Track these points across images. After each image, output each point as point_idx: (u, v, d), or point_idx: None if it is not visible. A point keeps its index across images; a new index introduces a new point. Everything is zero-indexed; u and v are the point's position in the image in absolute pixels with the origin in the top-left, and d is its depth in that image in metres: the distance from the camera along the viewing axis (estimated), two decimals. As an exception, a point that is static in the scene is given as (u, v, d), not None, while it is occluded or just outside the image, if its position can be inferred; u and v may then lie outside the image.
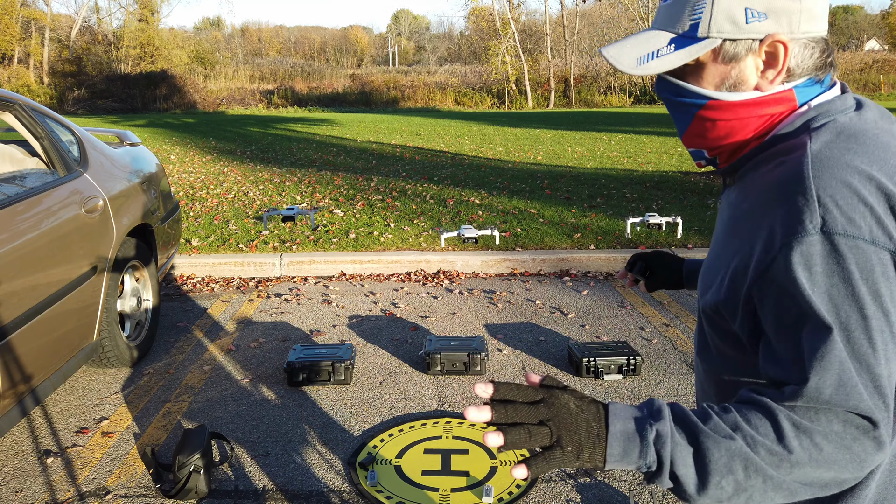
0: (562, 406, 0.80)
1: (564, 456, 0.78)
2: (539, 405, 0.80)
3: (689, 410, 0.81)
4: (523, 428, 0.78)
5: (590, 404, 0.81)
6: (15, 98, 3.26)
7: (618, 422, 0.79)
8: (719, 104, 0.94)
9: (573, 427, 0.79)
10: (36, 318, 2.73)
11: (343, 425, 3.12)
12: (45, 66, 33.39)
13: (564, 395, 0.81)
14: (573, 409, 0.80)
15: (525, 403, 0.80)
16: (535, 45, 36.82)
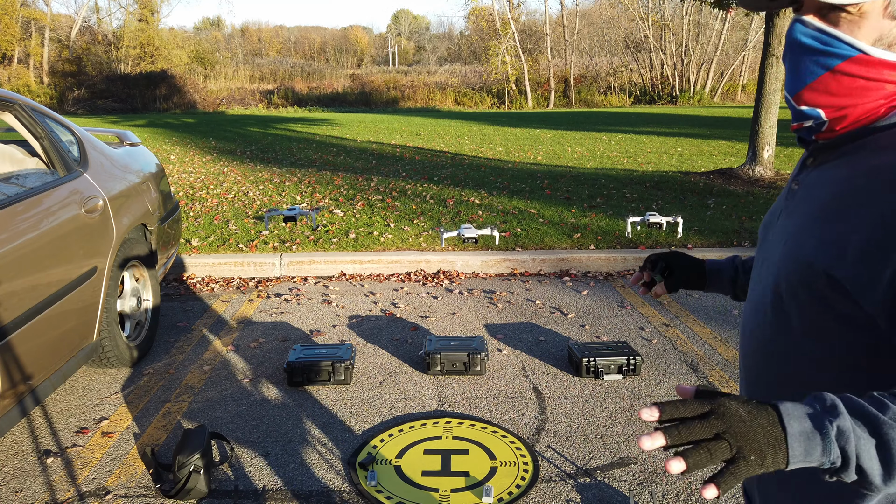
0: (733, 415, 0.77)
1: (749, 465, 0.76)
2: (710, 418, 0.77)
3: (863, 401, 0.79)
4: (701, 446, 0.76)
5: (759, 408, 0.78)
6: (15, 98, 3.26)
7: (794, 422, 0.76)
8: (867, 60, 0.88)
9: (751, 435, 0.76)
10: (36, 318, 2.73)
11: (343, 425, 3.12)
12: (45, 66, 33.38)
13: (732, 403, 0.77)
14: (745, 416, 0.77)
15: (695, 418, 0.77)
16: (535, 45, 36.82)
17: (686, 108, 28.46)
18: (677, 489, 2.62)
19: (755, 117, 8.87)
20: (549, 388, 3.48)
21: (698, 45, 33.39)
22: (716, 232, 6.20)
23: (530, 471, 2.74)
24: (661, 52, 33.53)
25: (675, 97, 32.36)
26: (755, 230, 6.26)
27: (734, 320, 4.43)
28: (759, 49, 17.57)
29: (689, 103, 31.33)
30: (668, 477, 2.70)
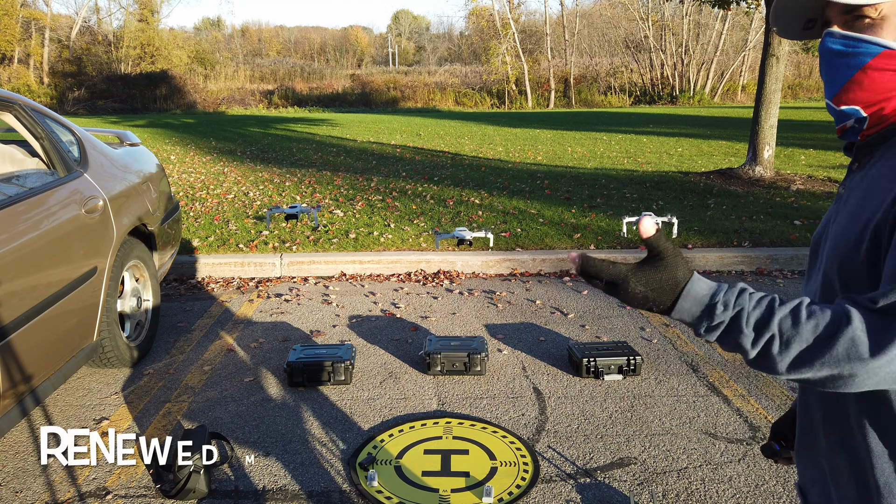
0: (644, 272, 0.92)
1: (633, 294, 0.92)
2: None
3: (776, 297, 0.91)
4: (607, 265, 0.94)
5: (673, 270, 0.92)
6: (15, 98, 3.26)
7: (696, 286, 0.92)
8: (894, 54, 0.97)
9: (655, 283, 0.92)
10: (36, 319, 2.73)
11: (343, 425, 3.12)
12: (46, 67, 33.39)
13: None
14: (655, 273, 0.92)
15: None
16: (535, 46, 36.82)
17: (686, 108, 28.46)
18: (677, 489, 2.62)
19: (755, 117, 8.87)
20: (550, 389, 3.48)
21: (698, 46, 33.39)
22: (716, 232, 6.19)
23: (530, 471, 2.74)
24: (661, 52, 33.52)
25: (675, 97, 32.35)
26: (755, 230, 6.26)
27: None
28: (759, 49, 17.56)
29: (689, 103, 31.33)
30: (668, 477, 2.70)
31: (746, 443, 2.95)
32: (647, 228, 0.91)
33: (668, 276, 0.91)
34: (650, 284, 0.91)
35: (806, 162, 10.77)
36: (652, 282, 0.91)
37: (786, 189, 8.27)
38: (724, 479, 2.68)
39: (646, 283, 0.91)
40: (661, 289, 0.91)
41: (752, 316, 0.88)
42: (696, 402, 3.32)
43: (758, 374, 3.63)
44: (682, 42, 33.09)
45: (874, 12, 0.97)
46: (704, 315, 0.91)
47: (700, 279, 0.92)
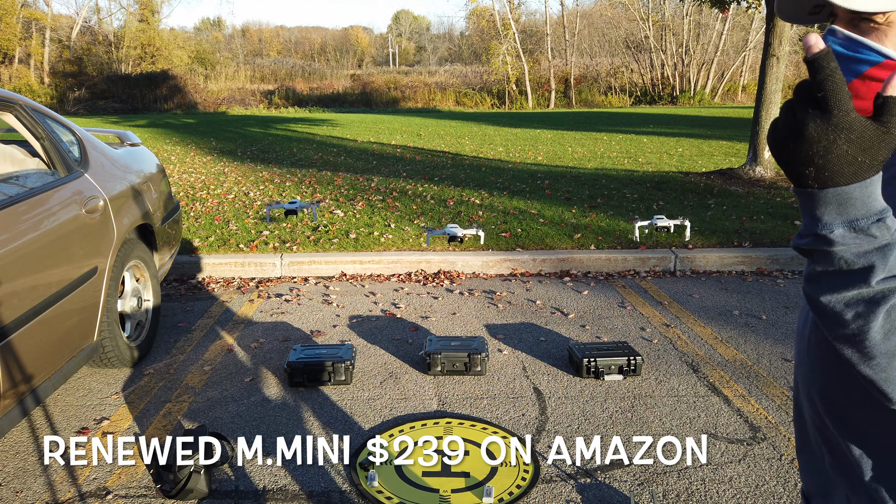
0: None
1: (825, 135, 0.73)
2: None
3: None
4: None
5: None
6: (15, 98, 3.26)
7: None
8: (894, 65, 0.92)
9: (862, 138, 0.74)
10: (37, 319, 2.73)
11: (343, 425, 3.12)
12: (46, 67, 33.40)
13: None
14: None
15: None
16: (535, 46, 36.82)
17: (686, 108, 28.46)
18: (678, 489, 2.62)
19: (756, 118, 8.87)
20: (550, 389, 3.48)
21: (699, 46, 33.38)
22: (716, 232, 6.19)
23: (531, 471, 2.74)
24: (661, 52, 33.52)
25: (675, 97, 32.35)
26: (755, 230, 6.26)
27: (734, 320, 4.43)
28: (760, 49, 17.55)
29: (689, 103, 31.32)
30: (668, 477, 2.70)
31: (747, 443, 2.95)
32: (813, 42, 0.74)
33: (885, 150, 0.74)
34: (864, 145, 0.73)
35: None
36: (868, 145, 0.73)
37: (786, 189, 8.27)
38: (724, 479, 2.68)
39: (861, 143, 0.73)
40: (865, 159, 0.73)
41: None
42: (697, 403, 3.32)
43: (758, 375, 3.63)
44: (682, 42, 33.09)
45: (881, 17, 0.93)
46: (866, 220, 0.75)
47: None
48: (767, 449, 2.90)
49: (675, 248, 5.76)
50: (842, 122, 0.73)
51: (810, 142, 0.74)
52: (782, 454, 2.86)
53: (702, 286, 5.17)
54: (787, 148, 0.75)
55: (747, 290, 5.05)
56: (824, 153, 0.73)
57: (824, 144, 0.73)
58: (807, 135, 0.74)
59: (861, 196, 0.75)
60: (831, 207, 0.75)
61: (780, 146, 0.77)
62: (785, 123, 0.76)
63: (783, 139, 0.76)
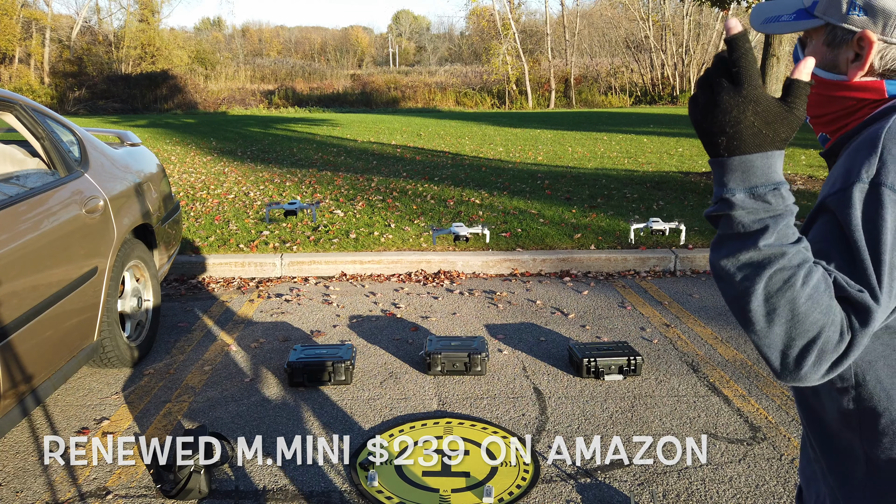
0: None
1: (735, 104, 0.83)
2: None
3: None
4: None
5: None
6: (16, 98, 3.26)
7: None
8: (817, 78, 1.03)
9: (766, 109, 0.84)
10: (37, 319, 2.73)
11: (343, 425, 3.12)
12: (46, 67, 33.40)
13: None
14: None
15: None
16: (535, 46, 36.82)
17: (687, 108, 28.42)
18: (678, 489, 2.62)
19: (756, 117, 8.86)
20: (550, 389, 3.48)
21: (699, 46, 33.38)
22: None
23: (531, 471, 2.74)
24: (661, 52, 33.52)
25: (675, 97, 32.34)
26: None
27: (734, 321, 4.42)
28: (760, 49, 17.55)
29: (689, 103, 31.27)
30: (668, 477, 2.70)
31: (747, 443, 2.95)
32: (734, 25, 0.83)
33: (789, 127, 0.84)
34: (768, 117, 0.83)
35: (806, 162, 10.77)
36: (773, 118, 0.83)
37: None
38: (724, 479, 2.68)
39: (765, 115, 0.82)
40: (770, 131, 0.83)
41: (787, 227, 0.85)
42: (697, 403, 3.32)
43: (758, 375, 3.63)
44: (682, 42, 33.09)
45: (809, 33, 1.05)
46: (764, 189, 0.84)
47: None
48: (767, 449, 2.90)
49: (675, 248, 5.76)
50: (751, 94, 0.82)
51: (724, 110, 0.83)
52: (782, 454, 2.86)
53: (702, 286, 5.17)
54: (704, 117, 0.85)
55: (747, 290, 5.04)
56: (734, 123, 0.83)
57: (735, 114, 0.82)
58: (721, 104, 0.83)
59: (762, 166, 0.84)
60: (736, 174, 0.85)
61: (699, 116, 0.86)
62: (703, 95, 0.86)
63: (702, 108, 0.85)
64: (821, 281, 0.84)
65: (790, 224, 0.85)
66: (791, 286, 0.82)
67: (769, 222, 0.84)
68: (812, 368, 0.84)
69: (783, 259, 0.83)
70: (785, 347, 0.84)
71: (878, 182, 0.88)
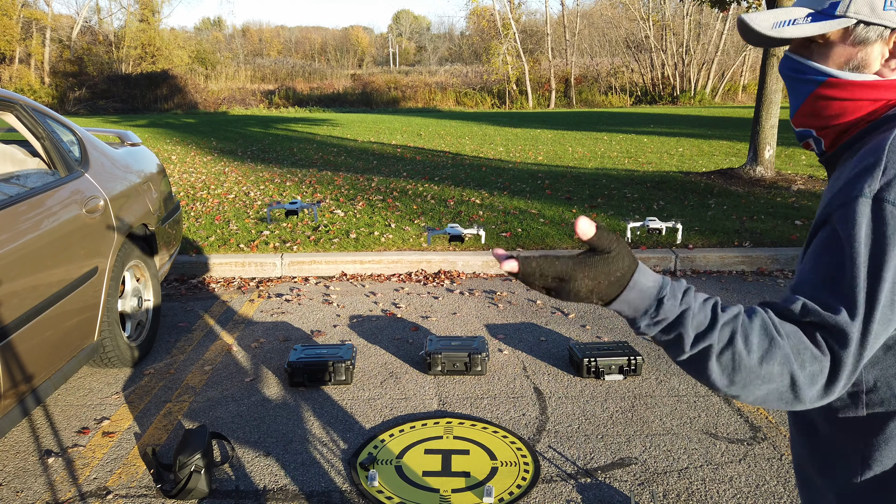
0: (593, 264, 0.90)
1: (572, 292, 0.89)
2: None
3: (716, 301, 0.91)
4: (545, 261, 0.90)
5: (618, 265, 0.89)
6: (16, 98, 3.26)
7: (641, 277, 0.89)
8: (838, 82, 0.99)
9: (596, 276, 0.89)
10: (37, 318, 2.73)
11: (344, 425, 3.12)
12: (47, 67, 33.40)
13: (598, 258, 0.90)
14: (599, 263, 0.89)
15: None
16: (535, 46, 36.81)
17: (687, 108, 28.45)
18: (678, 489, 2.62)
19: (756, 117, 8.87)
20: (550, 389, 3.48)
21: (699, 45, 33.37)
22: (717, 232, 6.19)
23: (531, 471, 2.74)
24: (661, 52, 33.51)
25: (675, 97, 32.34)
26: (756, 230, 6.26)
27: (735, 320, 4.43)
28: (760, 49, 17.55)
29: (689, 103, 31.31)
30: (668, 477, 2.70)
31: (747, 443, 2.95)
32: (586, 229, 0.88)
33: (615, 268, 0.88)
34: (597, 277, 0.88)
35: (807, 162, 10.76)
36: (599, 275, 0.88)
37: (787, 189, 8.27)
38: (724, 479, 2.68)
39: (594, 276, 0.88)
40: (608, 281, 0.88)
41: (696, 318, 0.87)
42: (697, 403, 3.32)
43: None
44: (682, 42, 33.08)
45: (820, 38, 0.99)
46: (651, 308, 0.88)
47: (646, 270, 0.90)
48: (767, 449, 2.90)
49: (675, 248, 5.76)
50: (572, 286, 0.87)
51: (566, 296, 0.89)
52: (782, 454, 2.86)
53: (702, 286, 5.17)
54: (565, 299, 0.91)
55: (748, 290, 5.05)
56: (577, 293, 0.88)
57: (573, 293, 0.88)
58: (562, 296, 0.90)
59: (632, 299, 0.88)
60: (625, 310, 0.90)
61: (562, 299, 0.92)
62: (548, 293, 0.91)
63: (560, 296, 0.91)
64: (761, 334, 0.87)
65: (696, 311, 0.87)
66: (739, 359, 0.86)
67: (678, 329, 0.87)
68: (814, 398, 0.88)
69: (714, 345, 0.87)
70: (773, 397, 0.89)
71: (880, 198, 0.87)
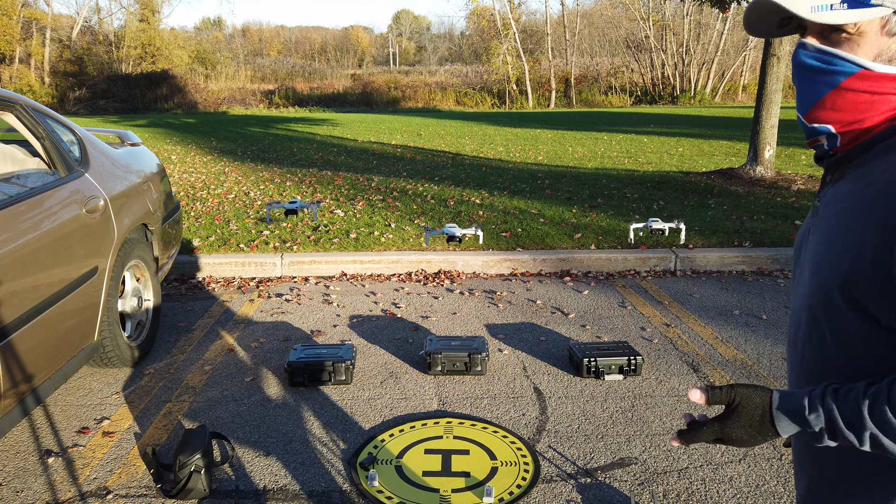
0: (735, 423, 1.02)
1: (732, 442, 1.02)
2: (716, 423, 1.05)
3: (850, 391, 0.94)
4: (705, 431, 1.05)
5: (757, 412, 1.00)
6: (16, 98, 3.26)
7: (782, 423, 0.97)
8: (869, 75, 0.94)
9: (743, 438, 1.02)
10: (37, 318, 2.73)
11: (344, 425, 3.12)
12: (47, 67, 33.40)
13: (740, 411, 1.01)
14: (744, 424, 1.01)
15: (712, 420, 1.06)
16: (535, 46, 36.81)
17: (687, 108, 28.45)
18: (678, 489, 2.62)
19: (756, 117, 8.87)
20: (550, 389, 3.48)
21: (699, 45, 33.36)
22: (717, 232, 6.19)
23: (531, 471, 2.74)
24: (661, 52, 33.50)
25: (675, 97, 32.34)
26: (756, 230, 6.26)
27: (735, 320, 4.43)
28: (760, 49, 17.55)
29: (689, 103, 31.31)
30: (668, 477, 2.70)
31: (747, 443, 2.94)
32: (697, 400, 1.00)
33: (751, 414, 0.97)
34: (743, 427, 0.98)
35: (807, 162, 10.76)
36: (743, 424, 0.98)
37: (787, 189, 8.27)
38: (724, 479, 2.68)
39: (740, 426, 0.98)
40: (753, 424, 0.97)
41: (843, 416, 0.91)
42: (697, 403, 3.31)
43: (759, 375, 3.63)
44: (682, 42, 33.07)
45: (852, 27, 0.93)
46: (803, 428, 0.95)
47: (781, 398, 0.97)
48: (768, 449, 2.90)
49: (675, 248, 5.76)
50: (735, 442, 1.02)
51: (741, 446, 1.02)
52: (782, 454, 2.86)
53: (702, 286, 5.17)
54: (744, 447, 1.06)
55: (748, 290, 5.05)
56: (744, 443, 1.01)
57: (740, 443, 1.01)
58: (738, 446, 1.02)
59: (787, 426, 0.96)
60: (796, 430, 0.97)
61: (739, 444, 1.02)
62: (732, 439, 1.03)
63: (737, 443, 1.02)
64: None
65: (844, 412, 0.90)
66: (890, 425, 0.88)
67: (839, 433, 0.92)
68: None
69: (870, 427, 0.89)
70: None
71: None
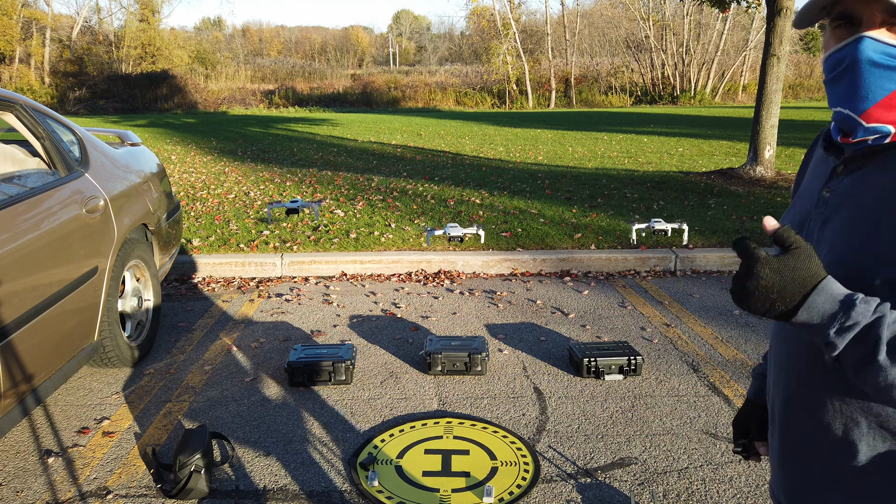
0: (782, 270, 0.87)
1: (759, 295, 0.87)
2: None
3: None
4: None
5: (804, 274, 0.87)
6: (16, 98, 3.26)
7: (819, 296, 0.86)
8: None
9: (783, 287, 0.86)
10: (37, 318, 2.73)
11: (344, 425, 3.12)
12: (47, 67, 33.40)
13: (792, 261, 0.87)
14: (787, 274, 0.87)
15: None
16: (535, 45, 36.80)
17: (687, 108, 28.44)
18: (678, 489, 2.62)
19: (756, 117, 8.87)
20: (550, 389, 3.48)
21: (699, 45, 33.36)
22: (717, 232, 6.19)
23: (531, 471, 2.74)
24: (661, 52, 33.50)
25: (675, 97, 32.33)
26: (756, 230, 6.26)
27: (735, 320, 4.43)
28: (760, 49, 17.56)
29: (689, 103, 31.31)
30: (668, 477, 2.70)
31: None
32: (771, 223, 0.87)
33: (801, 265, 0.84)
34: (783, 272, 0.84)
35: (807, 162, 10.75)
36: (786, 269, 0.84)
37: (787, 189, 8.27)
38: (724, 479, 2.68)
39: (779, 269, 0.84)
40: (794, 278, 0.84)
41: (892, 327, 0.81)
42: (697, 403, 3.32)
43: (758, 374, 3.63)
44: (682, 42, 33.07)
45: None
46: (840, 312, 0.83)
47: (836, 282, 0.86)
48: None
49: (675, 248, 5.76)
50: (753, 269, 0.86)
51: (751, 298, 0.87)
52: (783, 454, 2.86)
53: (702, 286, 5.17)
54: (751, 303, 0.88)
55: (748, 290, 5.04)
56: (762, 292, 0.86)
57: (755, 288, 0.86)
58: (748, 298, 0.88)
59: (822, 302, 0.84)
60: (813, 317, 0.85)
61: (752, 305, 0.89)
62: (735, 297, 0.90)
63: (746, 297, 0.89)
64: None
65: (892, 320, 0.82)
66: None
67: (873, 336, 0.82)
68: None
69: None
70: None
71: None
